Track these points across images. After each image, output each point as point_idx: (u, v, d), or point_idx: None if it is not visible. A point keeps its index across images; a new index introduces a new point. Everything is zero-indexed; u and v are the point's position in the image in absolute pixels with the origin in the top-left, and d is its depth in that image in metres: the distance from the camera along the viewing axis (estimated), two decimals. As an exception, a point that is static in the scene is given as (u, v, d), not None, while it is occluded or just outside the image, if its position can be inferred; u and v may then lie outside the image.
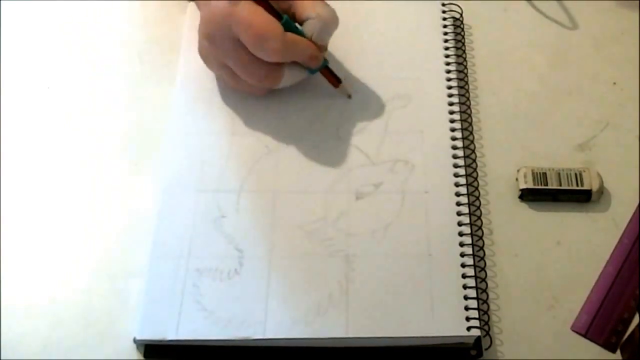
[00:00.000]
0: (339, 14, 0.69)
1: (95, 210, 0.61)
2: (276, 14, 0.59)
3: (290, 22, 0.59)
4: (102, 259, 0.59)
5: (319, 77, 0.64)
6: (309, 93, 0.65)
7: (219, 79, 0.65)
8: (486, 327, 0.55)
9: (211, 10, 0.59)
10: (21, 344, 0.55)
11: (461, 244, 0.58)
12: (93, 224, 0.60)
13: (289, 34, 0.58)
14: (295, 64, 0.61)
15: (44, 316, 0.56)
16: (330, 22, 0.60)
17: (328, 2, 0.60)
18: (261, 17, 0.57)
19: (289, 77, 0.61)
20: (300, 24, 0.60)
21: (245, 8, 0.57)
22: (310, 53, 0.60)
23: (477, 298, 0.55)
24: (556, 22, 0.71)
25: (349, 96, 0.64)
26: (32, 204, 0.61)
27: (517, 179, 0.62)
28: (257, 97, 0.64)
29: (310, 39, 0.60)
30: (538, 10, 0.71)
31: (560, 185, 0.61)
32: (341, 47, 0.68)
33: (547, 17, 0.71)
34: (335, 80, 0.64)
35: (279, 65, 0.60)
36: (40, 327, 0.56)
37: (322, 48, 0.61)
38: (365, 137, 0.63)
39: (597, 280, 0.58)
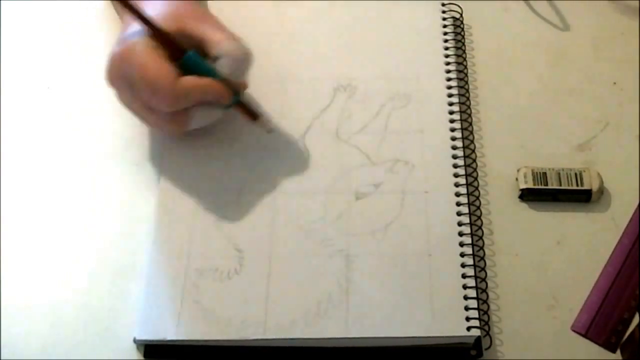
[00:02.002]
0: (339, 13, 0.70)
1: (96, 210, 0.61)
2: (179, 50, 0.56)
3: (194, 58, 0.56)
4: (102, 259, 0.59)
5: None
6: (310, 93, 0.65)
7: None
8: (486, 327, 0.55)
9: (112, 54, 0.57)
10: (21, 344, 0.55)
11: (461, 244, 0.58)
12: (93, 224, 0.60)
13: (183, 81, 0.55)
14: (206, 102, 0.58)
15: (44, 316, 0.56)
16: (241, 59, 0.57)
17: (242, 35, 0.58)
18: (154, 64, 0.54)
19: (199, 119, 0.58)
20: (214, 61, 0.57)
21: (142, 51, 0.55)
22: (213, 94, 0.57)
23: (477, 298, 0.55)
24: (556, 22, 0.71)
25: (269, 131, 0.61)
26: (32, 204, 0.61)
27: (517, 179, 0.62)
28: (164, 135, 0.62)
29: (222, 77, 0.57)
30: (536, 12, 0.71)
31: (560, 185, 0.61)
32: (341, 47, 0.68)
33: (547, 17, 0.71)
34: (251, 115, 0.60)
35: (183, 109, 0.57)
36: (40, 327, 0.56)
37: (239, 85, 0.59)
38: (365, 137, 0.63)
39: (597, 280, 0.58)
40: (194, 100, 0.57)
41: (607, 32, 0.70)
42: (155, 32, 0.56)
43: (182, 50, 0.56)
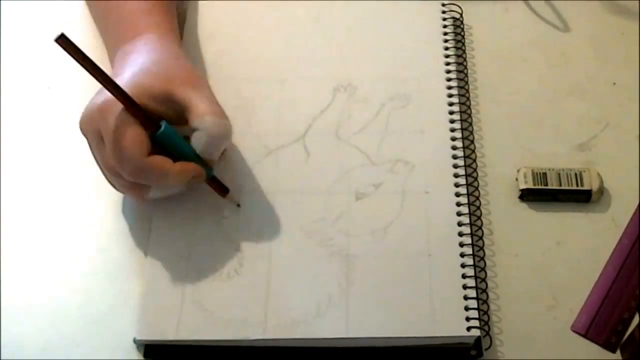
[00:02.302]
0: (339, 13, 0.70)
1: (96, 210, 0.61)
2: (152, 124, 0.54)
3: (168, 134, 0.54)
4: (102, 259, 0.59)
5: None
6: (310, 93, 0.65)
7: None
8: (486, 327, 0.55)
9: (90, 103, 0.55)
10: (21, 344, 0.55)
11: (461, 244, 0.58)
12: (93, 224, 0.60)
13: (153, 160, 0.53)
14: None
15: (44, 316, 0.56)
16: (218, 138, 0.55)
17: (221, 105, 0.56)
18: (129, 131, 0.52)
19: (159, 192, 0.56)
20: (192, 131, 0.55)
21: (120, 113, 0.52)
22: (179, 179, 0.54)
23: (477, 298, 0.55)
24: (556, 22, 0.71)
25: (238, 205, 0.59)
26: (32, 204, 0.61)
27: (517, 179, 0.62)
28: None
29: (195, 154, 0.55)
30: (535, 12, 0.71)
31: (560, 185, 0.61)
32: (341, 47, 0.68)
33: (547, 17, 0.71)
34: (221, 191, 0.59)
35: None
36: (40, 327, 0.56)
37: (210, 162, 0.57)
38: (365, 137, 0.63)
39: (597, 280, 0.58)
40: (158, 181, 0.55)
41: (607, 32, 0.70)
42: (127, 105, 0.53)
43: (155, 125, 0.54)
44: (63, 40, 0.50)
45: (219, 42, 0.68)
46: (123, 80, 0.55)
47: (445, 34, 0.69)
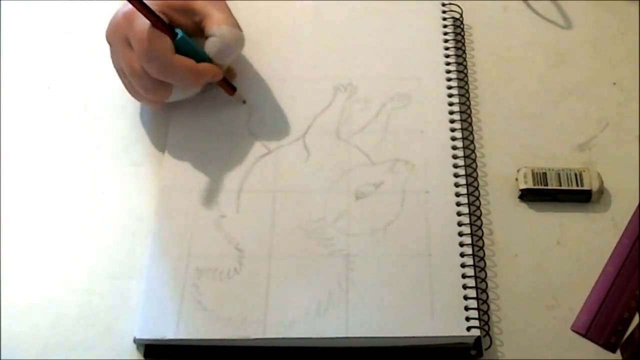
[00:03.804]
0: (339, 13, 0.70)
1: (96, 210, 0.61)
2: (171, 30, 0.58)
3: (185, 40, 0.58)
4: (102, 259, 0.59)
5: None
6: (310, 93, 0.65)
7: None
8: (486, 327, 0.55)
9: (117, 13, 0.59)
10: (21, 344, 0.55)
11: (461, 244, 0.58)
12: (93, 224, 0.60)
13: (176, 59, 0.57)
14: None
15: (44, 316, 0.56)
16: (231, 45, 0.59)
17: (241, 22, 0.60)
18: (153, 33, 0.56)
19: (180, 92, 0.61)
20: (206, 39, 0.59)
21: (143, 19, 0.57)
22: (201, 77, 0.59)
23: (477, 298, 0.55)
24: (556, 22, 0.71)
25: (244, 102, 0.64)
26: (32, 204, 0.61)
27: (517, 179, 0.62)
28: (144, 105, 0.64)
29: (209, 57, 0.59)
30: (536, 11, 0.71)
31: (560, 185, 0.61)
32: (341, 47, 0.68)
33: (547, 17, 0.71)
34: (230, 89, 0.63)
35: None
36: (40, 327, 0.56)
37: (222, 66, 0.61)
38: (365, 137, 0.63)
39: (597, 280, 0.58)
40: (181, 80, 0.59)
41: (607, 32, 0.70)
42: (146, 14, 0.56)
43: (174, 33, 0.58)
44: None
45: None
46: None
47: (445, 34, 0.69)
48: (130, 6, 0.57)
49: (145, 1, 0.56)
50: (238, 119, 0.64)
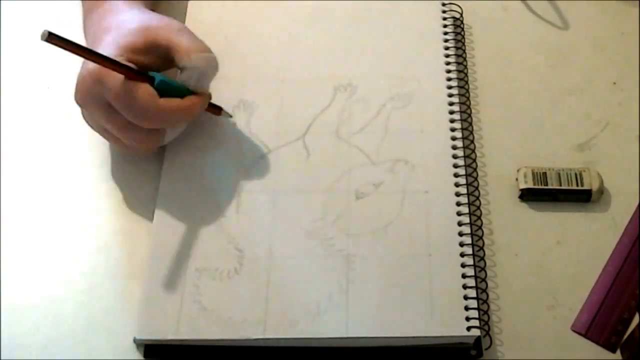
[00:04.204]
0: (339, 13, 0.70)
1: (95, 210, 0.61)
2: (146, 77, 0.56)
3: (164, 82, 0.56)
4: (102, 259, 0.59)
5: None
6: (310, 93, 0.65)
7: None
8: (486, 327, 0.55)
9: (82, 74, 0.56)
10: (21, 344, 0.55)
11: (461, 244, 0.58)
12: (93, 224, 0.60)
13: (166, 101, 0.55)
14: None
15: (44, 316, 0.56)
16: (206, 71, 0.58)
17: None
18: (131, 82, 0.54)
19: (172, 134, 0.60)
20: (180, 70, 0.57)
21: (114, 75, 0.54)
22: (192, 112, 0.58)
23: (477, 298, 0.55)
24: (556, 22, 0.71)
25: (230, 116, 0.63)
26: (32, 204, 0.61)
27: (517, 179, 0.62)
28: (132, 154, 0.62)
29: (191, 90, 0.58)
30: (535, 12, 0.71)
31: (560, 185, 0.61)
32: (341, 47, 0.68)
33: (547, 17, 0.71)
34: (216, 111, 0.62)
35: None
36: (40, 327, 0.56)
37: (205, 93, 0.59)
38: (365, 136, 0.63)
39: (597, 280, 0.58)
40: (176, 122, 0.58)
41: (607, 32, 0.70)
42: (120, 70, 0.54)
43: (149, 77, 0.56)
44: (53, 38, 0.51)
45: (219, 42, 0.68)
46: (108, 47, 0.56)
47: (445, 34, 0.69)
48: (94, 65, 0.55)
49: (107, 54, 0.54)
50: (238, 119, 0.64)
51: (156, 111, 0.55)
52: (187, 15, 0.70)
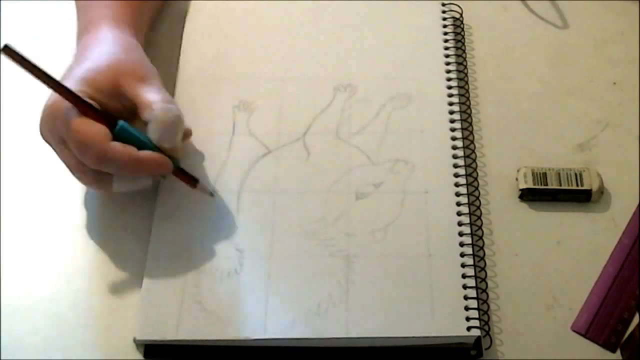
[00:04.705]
0: (339, 13, 0.70)
1: (95, 210, 0.61)
2: (107, 119, 0.54)
3: (125, 130, 0.54)
4: (102, 259, 0.59)
5: None
6: (310, 93, 0.65)
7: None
8: (486, 327, 0.55)
9: (44, 106, 0.55)
10: (21, 344, 0.55)
11: (461, 244, 0.58)
12: (93, 224, 0.60)
13: (112, 146, 0.52)
14: None
15: (44, 316, 0.56)
16: (169, 124, 0.55)
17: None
18: (87, 122, 0.52)
19: (124, 183, 0.56)
20: (145, 125, 0.55)
21: (71, 106, 0.53)
22: (145, 167, 0.54)
23: (477, 298, 0.55)
24: (556, 22, 0.71)
25: (211, 194, 0.59)
26: (32, 203, 0.61)
27: (517, 179, 0.62)
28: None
29: (156, 146, 0.55)
30: (534, 12, 0.71)
31: (560, 185, 0.61)
32: (341, 47, 0.68)
33: (547, 17, 0.71)
34: (190, 181, 0.58)
35: (106, 173, 0.55)
36: (40, 327, 0.56)
37: (175, 151, 0.56)
38: (365, 137, 0.63)
39: (597, 280, 0.58)
40: (123, 170, 0.54)
41: (607, 32, 0.70)
42: (79, 105, 0.53)
43: (111, 122, 0.54)
44: (8, 51, 0.51)
45: (219, 42, 0.68)
46: (73, 79, 0.55)
47: (445, 34, 0.69)
48: (53, 99, 0.53)
49: (74, 90, 0.53)
50: (238, 119, 0.64)
51: (100, 152, 0.52)
52: (187, 15, 0.70)
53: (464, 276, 0.56)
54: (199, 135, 0.63)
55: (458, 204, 0.59)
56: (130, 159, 0.53)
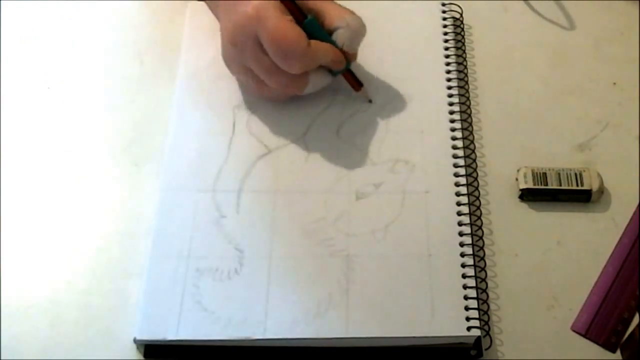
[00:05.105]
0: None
1: (96, 210, 0.61)
2: (300, 14, 0.59)
3: (314, 23, 0.59)
4: (102, 259, 0.59)
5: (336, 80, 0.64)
6: (311, 93, 0.65)
7: (242, 87, 0.65)
8: (486, 327, 0.55)
9: (238, 14, 0.58)
10: (21, 344, 0.55)
11: (461, 244, 0.58)
12: (93, 224, 0.60)
13: (312, 44, 0.58)
14: (319, 68, 0.61)
15: (44, 316, 0.56)
16: (359, 31, 0.60)
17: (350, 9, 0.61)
18: (286, 29, 0.57)
19: (314, 83, 0.61)
20: (330, 33, 0.60)
21: (272, 15, 0.57)
22: (333, 58, 0.60)
23: (477, 298, 0.55)
24: (556, 22, 0.71)
25: (370, 101, 0.65)
26: (32, 204, 0.61)
27: (517, 179, 0.62)
28: (271, 99, 0.64)
29: (340, 48, 0.60)
30: (536, 11, 0.71)
31: (560, 185, 0.61)
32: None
33: (547, 17, 0.71)
34: (356, 84, 0.64)
35: (304, 72, 0.60)
36: (40, 327, 0.56)
37: (351, 56, 0.62)
38: (365, 137, 0.63)
39: (597, 280, 0.58)
40: (318, 62, 0.60)
41: (607, 32, 0.70)
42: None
43: (303, 15, 0.59)
44: None
45: (219, 42, 0.68)
46: None
47: (445, 34, 0.69)
48: (253, 5, 0.57)
49: None
50: (238, 119, 0.64)
51: (305, 50, 0.57)
52: (187, 16, 0.70)
53: (464, 276, 0.56)
54: (199, 135, 0.63)
55: (458, 204, 0.59)
56: (329, 53, 0.59)
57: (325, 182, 0.61)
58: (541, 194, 0.61)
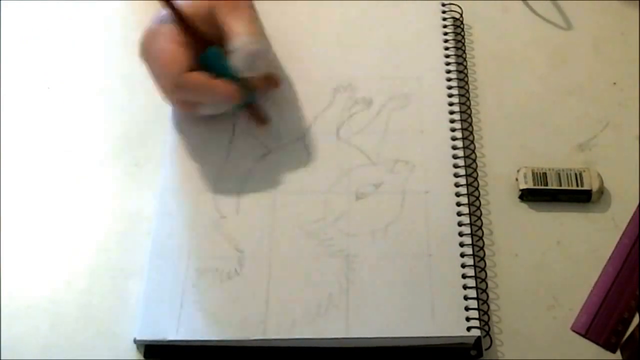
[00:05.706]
0: (339, 13, 0.70)
1: (96, 211, 0.61)
2: (203, 42, 0.57)
3: (214, 55, 0.57)
4: (102, 259, 0.59)
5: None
6: (310, 93, 0.65)
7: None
8: (486, 327, 0.55)
9: (143, 30, 0.59)
10: (21, 344, 0.55)
11: (461, 244, 0.58)
12: (93, 224, 0.60)
13: (190, 75, 0.56)
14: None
15: (44, 316, 0.56)
16: (251, 56, 0.57)
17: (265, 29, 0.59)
18: (169, 49, 0.56)
19: (207, 110, 0.60)
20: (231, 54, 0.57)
21: (165, 34, 0.57)
22: (221, 95, 0.58)
23: (477, 298, 0.55)
24: (556, 22, 0.71)
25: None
26: (32, 204, 0.61)
27: (517, 179, 0.62)
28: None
29: (238, 76, 0.58)
30: (535, 12, 0.71)
31: (560, 185, 0.61)
32: (341, 47, 0.68)
33: (547, 17, 0.71)
34: (260, 119, 0.62)
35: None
36: (40, 327, 0.56)
37: (259, 83, 0.60)
38: (365, 137, 0.63)
39: (597, 280, 0.58)
40: (196, 96, 0.59)
41: (607, 32, 0.70)
42: (180, 21, 0.57)
43: (206, 43, 0.58)
44: None
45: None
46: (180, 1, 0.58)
47: (445, 34, 0.69)
48: (150, 25, 0.57)
49: (179, 11, 0.56)
50: (238, 119, 0.64)
51: (178, 81, 0.56)
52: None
53: (464, 276, 0.56)
54: (199, 135, 0.63)
55: (458, 204, 0.59)
56: (204, 86, 0.57)
57: (325, 182, 0.61)
58: (541, 194, 0.61)
